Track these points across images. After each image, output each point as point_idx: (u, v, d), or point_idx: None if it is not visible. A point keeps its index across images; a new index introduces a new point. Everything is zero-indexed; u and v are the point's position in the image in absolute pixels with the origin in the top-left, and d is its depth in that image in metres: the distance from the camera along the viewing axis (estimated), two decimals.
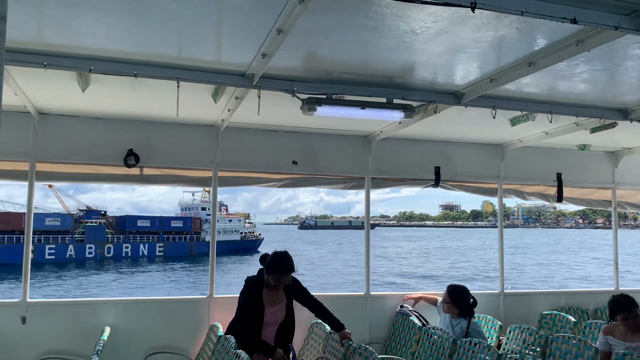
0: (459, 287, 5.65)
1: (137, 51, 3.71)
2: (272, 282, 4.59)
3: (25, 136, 5.27)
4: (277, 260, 4.63)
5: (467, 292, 5.59)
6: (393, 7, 2.88)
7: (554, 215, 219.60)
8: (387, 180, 6.50)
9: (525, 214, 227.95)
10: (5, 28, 1.91)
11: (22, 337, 5.11)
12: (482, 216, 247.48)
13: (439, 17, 3.02)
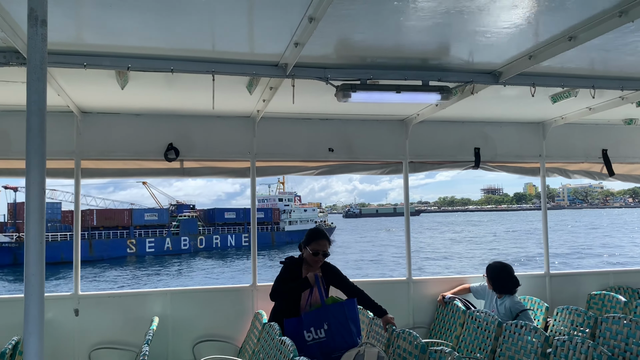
0: (496, 264, 5.61)
1: (173, 47, 3.77)
2: (311, 252, 4.64)
3: (69, 135, 5.44)
4: (312, 231, 4.81)
5: (505, 269, 5.53)
6: None
7: (602, 195, 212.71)
8: (426, 163, 6.42)
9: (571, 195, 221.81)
10: (46, 32, 1.98)
11: (75, 329, 5.32)
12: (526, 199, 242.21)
13: None
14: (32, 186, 1.92)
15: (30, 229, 1.91)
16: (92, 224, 56.27)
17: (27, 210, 1.93)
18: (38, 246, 1.92)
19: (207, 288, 6.84)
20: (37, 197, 1.92)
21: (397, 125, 6.31)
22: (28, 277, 1.91)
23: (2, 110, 5.31)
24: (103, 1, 2.95)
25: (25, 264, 1.93)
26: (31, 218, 1.92)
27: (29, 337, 1.91)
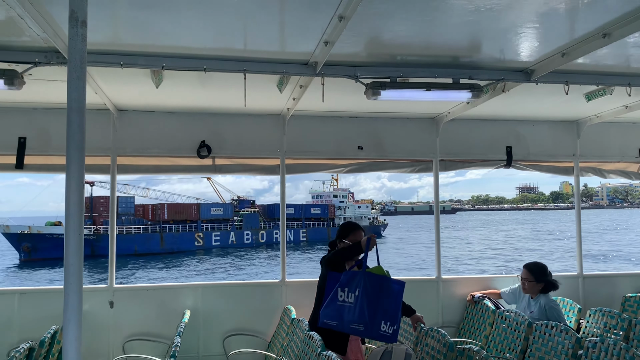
0: (538, 263, 5.52)
1: (206, 46, 3.85)
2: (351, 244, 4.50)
3: (106, 132, 5.61)
4: (347, 224, 4.73)
5: (547, 268, 5.46)
6: None
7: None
8: (456, 162, 6.38)
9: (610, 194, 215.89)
10: (86, 32, 2.07)
11: (110, 320, 5.48)
12: (562, 197, 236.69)
13: None
14: (71, 180, 2.01)
15: (70, 222, 2.00)
16: (163, 218, 58.79)
17: (66, 203, 2.02)
18: (77, 238, 2.00)
19: (237, 283, 6.95)
20: (76, 191, 2.01)
21: (428, 123, 6.28)
22: (67, 268, 2.00)
23: (43, 107, 5.51)
24: (139, 2, 3.05)
25: (65, 256, 2.03)
26: (71, 211, 2.00)
27: (67, 326, 2.00)
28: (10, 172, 5.49)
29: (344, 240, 4.55)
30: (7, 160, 5.47)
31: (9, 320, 5.33)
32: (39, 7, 3.10)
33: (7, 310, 5.35)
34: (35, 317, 5.32)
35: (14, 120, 5.48)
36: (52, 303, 5.38)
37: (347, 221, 4.84)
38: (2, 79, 3.77)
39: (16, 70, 3.83)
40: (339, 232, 4.68)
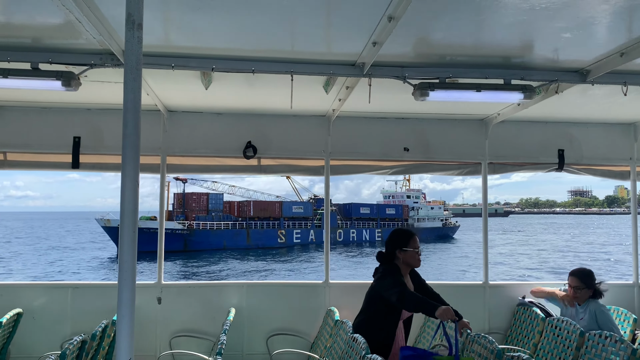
0: (584, 269, 5.34)
1: (254, 48, 3.89)
2: (415, 250, 4.38)
3: (156, 132, 5.75)
4: (401, 231, 4.50)
5: (593, 273, 5.28)
6: None
7: None
8: (506, 164, 6.23)
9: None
10: (142, 35, 2.11)
11: (158, 316, 5.61)
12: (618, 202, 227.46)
13: None
14: (126, 179, 2.06)
15: (125, 219, 2.05)
16: (249, 215, 61.05)
17: (122, 201, 2.07)
18: (131, 235, 2.05)
19: (281, 282, 7.00)
20: (131, 189, 2.06)
21: (476, 125, 6.16)
22: (122, 264, 2.05)
23: (97, 108, 5.70)
24: (191, 4, 3.10)
25: (119, 252, 2.08)
26: (125, 209, 2.05)
27: (121, 321, 2.05)
28: (66, 171, 5.71)
29: (404, 248, 4.36)
30: (63, 159, 5.68)
31: (62, 313, 5.53)
32: (95, 11, 3.20)
33: (61, 303, 5.55)
34: (86, 310, 5.51)
35: (69, 120, 5.68)
36: (103, 298, 5.56)
37: (399, 228, 4.67)
38: (59, 80, 3.91)
39: (73, 72, 3.97)
40: (395, 239, 4.44)
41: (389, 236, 4.53)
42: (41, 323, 5.47)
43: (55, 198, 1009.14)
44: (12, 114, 5.66)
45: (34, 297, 5.53)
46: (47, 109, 5.67)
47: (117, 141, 5.67)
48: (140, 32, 2.11)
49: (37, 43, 3.81)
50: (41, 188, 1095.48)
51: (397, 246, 4.40)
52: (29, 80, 3.95)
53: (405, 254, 4.38)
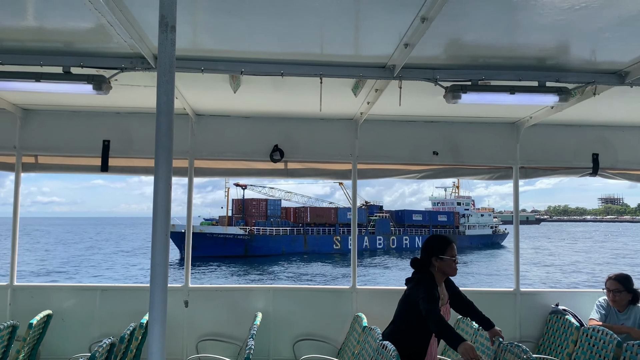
0: (622, 273, 5.23)
1: (283, 51, 3.87)
2: (452, 258, 4.17)
3: (184, 136, 5.77)
4: (438, 237, 4.29)
5: (631, 277, 5.17)
6: None
7: None
8: (538, 169, 6.08)
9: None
10: (175, 37, 2.09)
11: (185, 319, 5.61)
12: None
13: None
14: (159, 182, 2.03)
15: (157, 222, 2.03)
16: (305, 221, 61.85)
17: (154, 204, 2.05)
18: (164, 238, 2.03)
19: (307, 287, 6.97)
20: (164, 192, 2.04)
21: (507, 128, 6.03)
22: (154, 267, 2.03)
23: (126, 112, 5.74)
24: (223, 7, 3.09)
25: (152, 255, 2.05)
26: (158, 212, 2.03)
27: (153, 324, 2.02)
28: (95, 174, 5.77)
29: (441, 256, 4.14)
30: (93, 162, 5.75)
31: (90, 315, 5.58)
32: (127, 14, 3.21)
33: (90, 305, 5.60)
34: (114, 313, 5.54)
35: (99, 123, 5.74)
36: (130, 300, 5.58)
37: (437, 234, 4.41)
38: (91, 84, 3.94)
39: (104, 76, 4.00)
40: (432, 246, 4.21)
41: (426, 242, 4.31)
42: (70, 325, 5.52)
43: (80, 204, 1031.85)
44: (43, 117, 5.74)
45: (64, 298, 5.59)
46: (77, 112, 5.74)
47: (145, 144, 5.71)
48: (174, 34, 2.09)
49: (69, 47, 3.84)
50: (67, 194, 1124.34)
51: (433, 253, 4.19)
52: (61, 84, 4.00)
53: (442, 262, 4.16)
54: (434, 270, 4.18)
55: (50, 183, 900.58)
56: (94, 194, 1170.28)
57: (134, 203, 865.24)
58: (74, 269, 39.41)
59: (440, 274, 4.21)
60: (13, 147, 5.70)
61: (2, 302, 5.52)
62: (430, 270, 4.19)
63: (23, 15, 3.30)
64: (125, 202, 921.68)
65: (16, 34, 3.61)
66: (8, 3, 3.12)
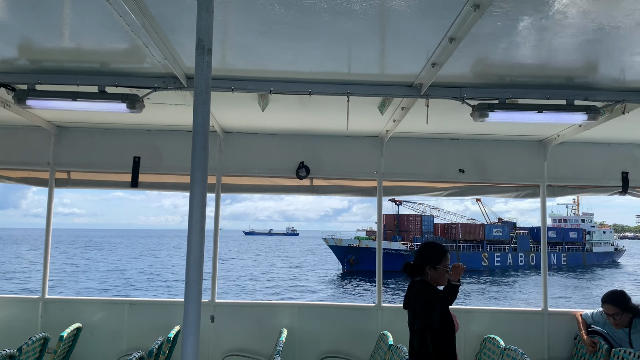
0: (615, 291, 5.19)
1: (311, 70, 3.94)
2: (445, 268, 3.92)
3: (212, 153, 5.86)
4: (435, 246, 4.04)
5: (625, 292, 5.13)
6: (580, 5, 2.67)
7: None
8: (566, 187, 6.02)
9: None
10: (211, 59, 2.16)
11: (211, 334, 5.65)
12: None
13: (633, 10, 2.74)
14: (195, 199, 2.09)
15: (192, 238, 2.08)
16: (457, 237, 62.27)
17: (189, 221, 2.10)
18: (198, 254, 2.08)
19: (332, 304, 6.96)
20: (199, 209, 2.09)
21: (535, 146, 5.99)
22: (188, 283, 2.08)
23: (156, 129, 5.87)
24: (254, 29, 3.17)
25: (186, 271, 2.10)
26: (193, 228, 2.08)
27: (187, 339, 2.07)
28: (126, 189, 5.90)
29: (436, 266, 3.89)
30: (124, 178, 5.88)
31: (119, 328, 5.66)
32: (161, 36, 3.31)
33: (118, 319, 5.68)
34: (142, 327, 5.62)
35: (130, 140, 5.88)
36: (158, 314, 5.66)
37: (432, 242, 4.14)
38: (125, 102, 4.06)
39: (137, 95, 4.11)
40: (427, 254, 3.96)
41: (422, 250, 4.03)
42: (99, 338, 5.61)
43: (100, 216, 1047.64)
44: (76, 134, 5.90)
45: (93, 312, 5.69)
46: (109, 129, 5.89)
47: (175, 161, 5.83)
48: (210, 57, 2.16)
49: (105, 67, 3.97)
50: (87, 206, 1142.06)
51: (428, 262, 3.90)
52: (96, 103, 4.12)
53: (435, 272, 3.89)
54: (427, 278, 3.91)
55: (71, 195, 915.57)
56: (114, 206, 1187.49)
57: (152, 215, 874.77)
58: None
59: (433, 283, 3.93)
60: (47, 163, 5.87)
61: (34, 315, 5.64)
62: (424, 278, 3.93)
63: (62, 36, 3.43)
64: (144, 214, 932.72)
65: (55, 55, 3.75)
66: (48, 26, 3.25)
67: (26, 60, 3.87)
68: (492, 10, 2.71)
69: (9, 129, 5.87)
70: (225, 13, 2.94)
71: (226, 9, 2.85)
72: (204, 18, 2.15)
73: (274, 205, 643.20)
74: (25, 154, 5.89)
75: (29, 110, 5.04)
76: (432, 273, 3.90)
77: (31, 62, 3.91)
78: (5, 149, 5.88)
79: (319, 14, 2.92)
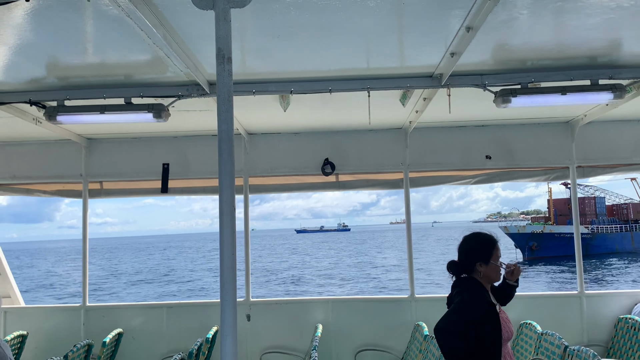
0: None
1: (330, 68, 3.97)
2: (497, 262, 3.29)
3: (238, 155, 5.95)
4: (482, 237, 3.36)
5: None
6: None
7: None
8: (596, 167, 5.92)
9: None
10: (231, 68, 2.21)
11: (248, 333, 5.75)
12: None
13: None
14: (224, 205, 2.14)
15: (224, 242, 2.13)
16: (630, 217, 61.54)
17: (220, 225, 2.15)
18: (230, 257, 2.13)
19: (365, 298, 6.99)
20: (228, 213, 2.14)
21: (561, 127, 5.90)
22: (223, 285, 2.13)
23: (182, 135, 5.99)
24: (272, 33, 3.22)
25: (220, 274, 2.16)
26: (224, 232, 2.14)
27: (225, 339, 2.12)
28: (156, 196, 6.04)
29: (487, 261, 3.26)
30: (154, 185, 6.02)
31: (159, 332, 5.80)
32: (182, 46, 3.39)
33: (157, 322, 5.83)
34: (180, 329, 5.75)
35: (158, 148, 6.02)
36: (195, 316, 5.78)
37: (479, 233, 3.40)
38: (151, 112, 4.16)
39: (162, 104, 4.21)
40: (475, 249, 3.32)
41: (466, 243, 3.39)
42: (140, 342, 5.76)
43: (132, 223, 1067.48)
44: (105, 145, 6.06)
45: (132, 317, 5.85)
46: (138, 138, 6.03)
47: (202, 165, 5.94)
48: (230, 65, 2.21)
49: (129, 79, 4.07)
50: (119, 214, 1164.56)
51: (477, 258, 3.29)
52: (123, 115, 4.24)
53: (487, 268, 3.28)
54: (478, 276, 3.30)
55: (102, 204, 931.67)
56: (145, 212, 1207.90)
57: (183, 220, 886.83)
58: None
59: (485, 281, 3.32)
60: (79, 175, 6.04)
61: (76, 323, 5.83)
62: (474, 276, 3.32)
63: (86, 53, 3.53)
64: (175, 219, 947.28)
65: (81, 71, 3.87)
66: (72, 43, 3.35)
67: (54, 78, 4.00)
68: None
69: (42, 145, 6.06)
70: (242, 20, 2.99)
71: (243, 15, 2.90)
72: (222, 27, 2.20)
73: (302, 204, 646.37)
74: (58, 168, 6.07)
75: (59, 126, 5.20)
76: (484, 269, 3.29)
77: (59, 80, 4.04)
78: (38, 164, 6.08)
79: (335, 14, 2.95)
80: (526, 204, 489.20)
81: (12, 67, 3.71)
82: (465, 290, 3.22)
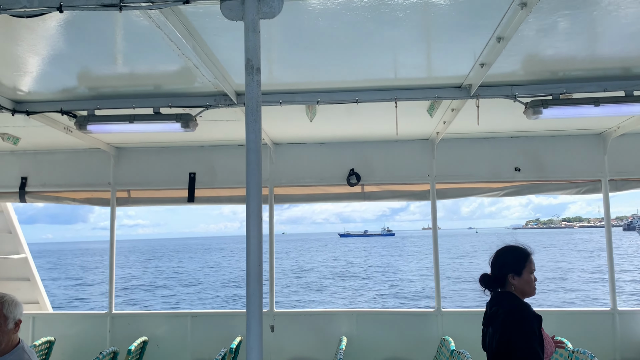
0: None
1: (357, 79, 3.95)
2: (531, 274, 3.18)
3: (264, 165, 5.96)
4: (515, 250, 3.23)
5: None
6: None
7: None
8: (630, 181, 5.76)
9: None
10: (260, 78, 2.21)
11: (272, 344, 5.72)
12: None
13: None
14: (251, 215, 2.13)
15: (251, 253, 2.12)
16: None
17: (247, 236, 2.14)
18: (257, 269, 2.11)
19: (391, 311, 6.91)
20: (256, 224, 2.13)
21: (593, 139, 5.77)
22: (249, 297, 2.11)
23: (209, 145, 6.03)
24: (299, 44, 3.22)
25: (247, 285, 2.14)
26: (251, 243, 2.12)
27: (250, 352, 2.10)
28: (183, 205, 6.08)
29: (520, 274, 3.14)
30: (181, 194, 6.07)
31: (183, 340, 5.82)
32: (211, 56, 3.41)
33: (182, 331, 5.84)
34: (205, 338, 5.75)
35: (185, 157, 6.07)
36: (219, 326, 5.78)
37: (511, 245, 3.28)
38: (179, 122, 4.19)
39: (190, 114, 4.24)
40: (508, 261, 3.19)
41: (500, 256, 3.26)
42: (164, 350, 5.78)
43: (163, 226, 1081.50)
44: (133, 154, 6.14)
45: (157, 325, 5.87)
46: (165, 148, 6.10)
47: (228, 175, 5.97)
48: (259, 75, 2.21)
49: (158, 89, 4.12)
50: (150, 217, 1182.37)
51: (510, 270, 3.17)
52: (152, 124, 4.28)
53: (521, 280, 3.15)
54: (511, 289, 3.18)
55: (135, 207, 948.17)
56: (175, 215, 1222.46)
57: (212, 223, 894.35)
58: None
59: (519, 294, 3.19)
60: (108, 183, 6.13)
61: (103, 330, 5.88)
62: (508, 289, 3.19)
63: (116, 63, 3.58)
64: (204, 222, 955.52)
65: (111, 81, 3.93)
66: (103, 54, 3.40)
67: (85, 88, 4.06)
68: (540, 7, 2.64)
69: (71, 153, 6.18)
70: (270, 30, 2.99)
71: (271, 26, 2.91)
72: (251, 38, 2.20)
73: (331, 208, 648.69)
74: (88, 176, 6.17)
75: (89, 135, 5.28)
76: (517, 282, 3.17)
77: (90, 90, 4.10)
78: (68, 172, 6.18)
79: (364, 25, 2.94)
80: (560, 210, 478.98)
81: (45, 77, 3.79)
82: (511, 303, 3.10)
